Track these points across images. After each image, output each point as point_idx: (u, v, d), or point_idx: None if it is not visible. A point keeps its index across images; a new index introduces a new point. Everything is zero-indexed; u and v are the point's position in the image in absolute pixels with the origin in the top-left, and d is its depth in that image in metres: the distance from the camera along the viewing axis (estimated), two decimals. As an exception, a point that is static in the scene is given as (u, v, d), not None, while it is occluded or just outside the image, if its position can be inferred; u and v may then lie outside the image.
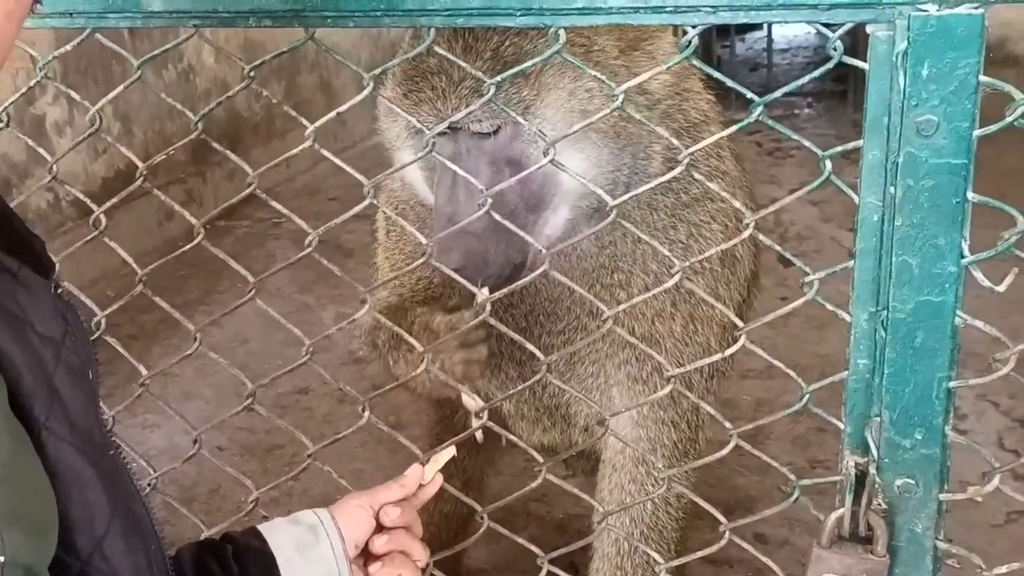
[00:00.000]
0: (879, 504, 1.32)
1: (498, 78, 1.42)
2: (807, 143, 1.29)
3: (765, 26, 10.12)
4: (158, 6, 1.39)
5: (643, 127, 1.86)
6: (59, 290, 1.25)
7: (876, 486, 1.31)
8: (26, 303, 1.14)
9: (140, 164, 1.59)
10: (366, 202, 1.47)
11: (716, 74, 1.36)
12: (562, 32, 1.30)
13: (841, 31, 1.20)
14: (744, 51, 11.52)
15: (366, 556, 1.57)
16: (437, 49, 1.37)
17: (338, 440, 1.76)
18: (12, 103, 1.67)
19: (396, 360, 2.01)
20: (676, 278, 1.45)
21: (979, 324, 1.24)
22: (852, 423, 1.34)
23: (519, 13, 1.27)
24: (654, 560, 1.82)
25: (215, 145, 1.55)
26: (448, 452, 1.65)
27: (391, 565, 1.55)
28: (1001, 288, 1.21)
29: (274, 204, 1.52)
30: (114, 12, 1.41)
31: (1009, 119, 1.15)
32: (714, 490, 3.27)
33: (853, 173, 1.23)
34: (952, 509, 1.36)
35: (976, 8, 1.12)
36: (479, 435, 1.76)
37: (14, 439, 1.07)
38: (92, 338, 1.77)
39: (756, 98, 1.25)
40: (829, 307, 1.31)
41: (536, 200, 1.82)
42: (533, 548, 1.64)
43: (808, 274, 1.32)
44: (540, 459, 1.62)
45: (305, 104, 7.42)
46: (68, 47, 1.57)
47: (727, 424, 1.47)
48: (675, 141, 1.41)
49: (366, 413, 1.64)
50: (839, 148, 1.27)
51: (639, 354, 2.01)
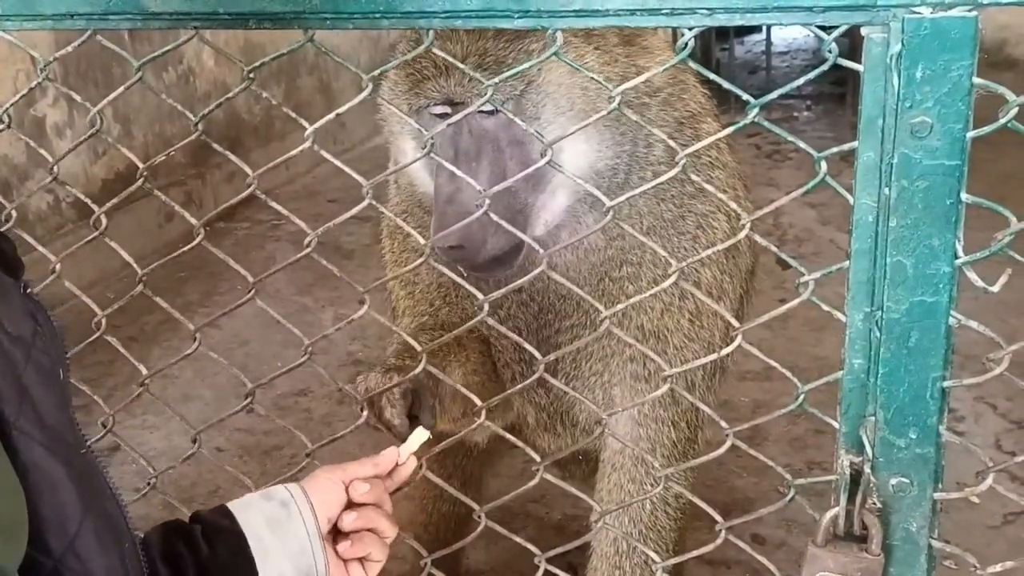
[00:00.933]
0: (874, 503, 1.33)
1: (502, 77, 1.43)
2: (802, 144, 1.29)
3: (764, 29, 10.13)
4: (159, 8, 1.39)
5: (645, 114, 1.88)
6: (28, 290, 1.24)
7: (871, 485, 1.32)
8: None
9: (141, 165, 1.60)
10: (364, 203, 1.47)
11: (712, 76, 1.37)
12: (559, 34, 1.31)
13: (836, 33, 1.20)
14: (743, 54, 11.53)
15: (335, 533, 1.52)
16: (436, 51, 1.38)
17: (336, 440, 1.76)
18: (12, 105, 1.68)
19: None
20: (674, 277, 1.46)
21: (973, 324, 1.25)
22: (847, 423, 1.34)
23: (517, 15, 1.27)
24: (652, 560, 1.83)
25: (216, 146, 1.56)
26: (421, 434, 1.61)
27: (360, 543, 1.51)
28: (995, 288, 1.22)
29: (273, 205, 1.53)
30: (115, 14, 1.41)
31: (1002, 121, 1.16)
32: (711, 491, 3.27)
33: (850, 175, 1.23)
34: (949, 511, 1.37)
35: (969, 11, 1.13)
36: (481, 438, 1.75)
37: None
38: (92, 339, 1.78)
39: (752, 100, 1.26)
40: (824, 307, 1.32)
41: (536, 181, 1.83)
42: (531, 547, 1.64)
43: (804, 275, 1.33)
44: (537, 458, 1.62)
45: (304, 106, 7.42)
46: (69, 48, 1.57)
47: (724, 424, 1.48)
48: (672, 143, 1.42)
49: (364, 412, 1.65)
50: (834, 149, 1.27)
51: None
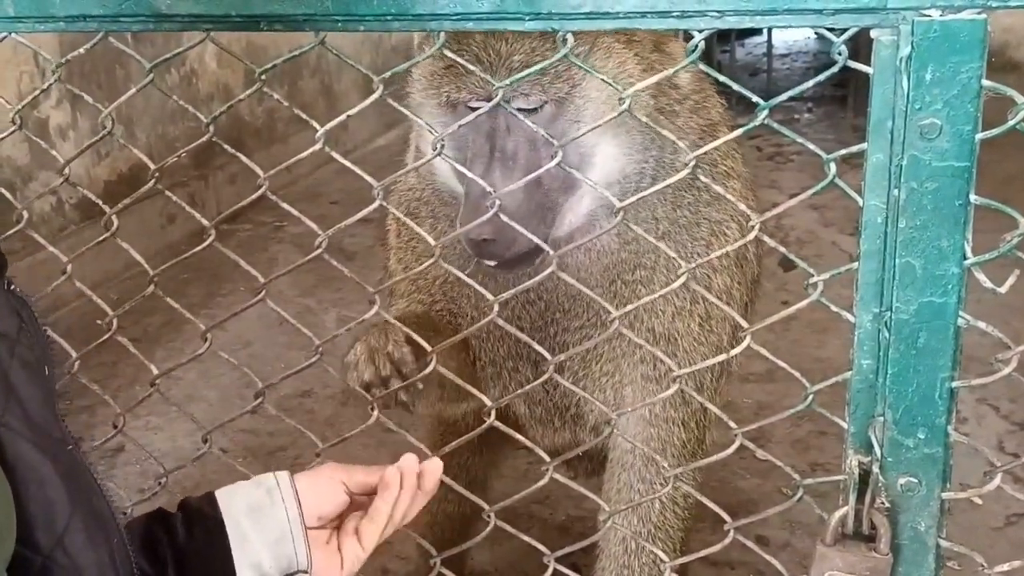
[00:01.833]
0: (882, 503, 1.33)
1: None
2: (811, 146, 1.30)
3: (765, 31, 10.15)
4: (170, 10, 1.40)
5: (674, 120, 1.88)
6: (12, 287, 1.24)
7: (879, 485, 1.32)
8: None
9: (152, 165, 1.60)
10: (375, 204, 1.48)
11: (722, 78, 1.38)
12: (570, 36, 1.32)
13: (845, 36, 1.21)
14: (744, 56, 11.55)
15: (339, 532, 1.48)
16: (448, 53, 1.38)
17: (343, 441, 1.77)
18: (24, 106, 1.69)
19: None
20: (683, 278, 1.47)
21: (982, 325, 1.26)
22: (856, 423, 1.35)
23: (528, 17, 1.28)
24: (660, 559, 1.83)
25: (227, 147, 1.56)
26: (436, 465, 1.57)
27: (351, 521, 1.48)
28: (1003, 289, 1.23)
29: (285, 207, 1.54)
30: (127, 16, 1.42)
31: (1012, 122, 1.16)
32: (716, 492, 3.27)
33: (854, 177, 1.24)
34: (952, 512, 1.38)
35: (979, 13, 1.14)
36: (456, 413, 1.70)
37: None
38: (102, 339, 1.79)
39: (761, 102, 1.27)
40: (833, 308, 1.33)
41: (568, 183, 1.83)
42: (540, 547, 1.64)
43: (813, 276, 1.33)
44: (547, 459, 1.63)
45: (307, 108, 7.32)
46: (81, 50, 1.58)
47: (732, 424, 1.49)
48: (681, 144, 1.43)
49: (374, 412, 1.65)
50: (843, 151, 1.28)
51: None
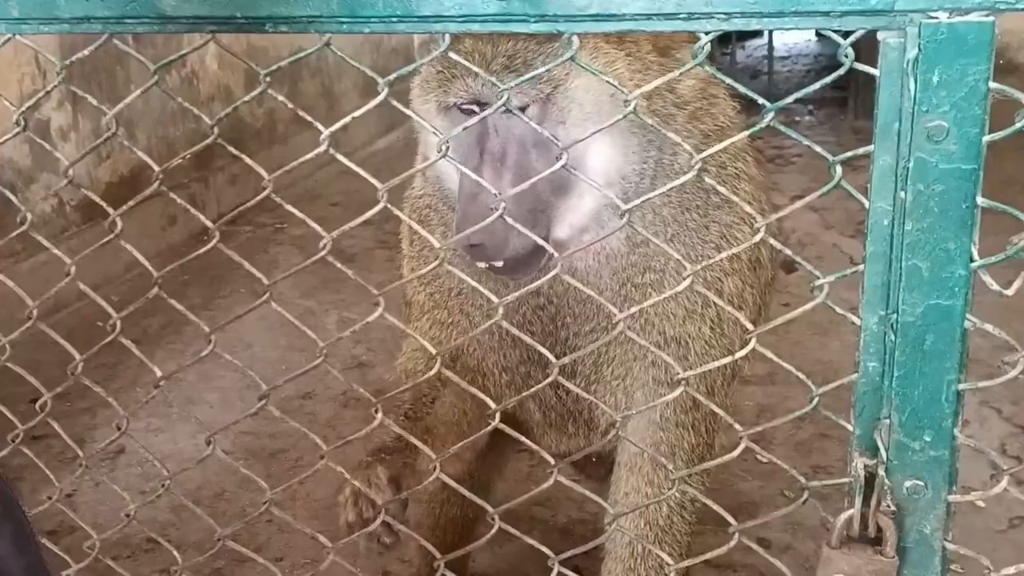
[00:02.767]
0: (888, 505, 1.33)
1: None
2: (818, 148, 1.30)
3: (766, 33, 10.15)
4: (175, 12, 1.40)
5: (672, 123, 1.88)
6: None
7: (885, 487, 1.32)
8: None
9: (156, 167, 1.60)
10: (380, 206, 1.48)
11: (729, 80, 1.37)
12: (575, 38, 1.32)
13: (852, 38, 1.21)
14: (744, 58, 11.56)
15: None
16: (452, 55, 1.38)
17: (347, 443, 1.76)
18: (28, 107, 1.69)
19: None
20: (688, 280, 1.46)
21: (988, 327, 1.25)
22: (861, 425, 1.35)
23: (533, 19, 1.28)
24: (666, 563, 1.82)
25: (231, 149, 1.56)
26: None
27: None
28: (1010, 292, 1.23)
29: (289, 208, 1.53)
30: (131, 17, 1.42)
31: (1019, 124, 1.16)
32: (718, 495, 3.24)
33: (855, 180, 1.23)
34: (955, 515, 1.38)
35: (986, 15, 1.13)
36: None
37: None
38: (106, 341, 1.79)
39: (767, 104, 1.26)
40: (839, 311, 1.33)
41: (561, 184, 1.82)
42: (544, 550, 1.64)
43: (818, 278, 1.33)
44: (552, 460, 1.62)
45: (307, 110, 7.32)
46: (86, 52, 1.58)
47: (739, 427, 1.48)
48: (687, 146, 1.42)
49: (379, 415, 1.65)
50: (849, 154, 1.28)
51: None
